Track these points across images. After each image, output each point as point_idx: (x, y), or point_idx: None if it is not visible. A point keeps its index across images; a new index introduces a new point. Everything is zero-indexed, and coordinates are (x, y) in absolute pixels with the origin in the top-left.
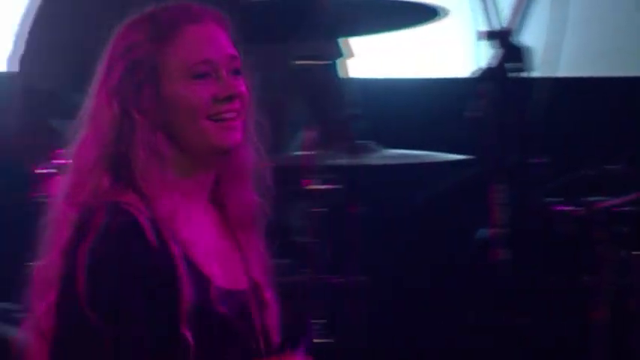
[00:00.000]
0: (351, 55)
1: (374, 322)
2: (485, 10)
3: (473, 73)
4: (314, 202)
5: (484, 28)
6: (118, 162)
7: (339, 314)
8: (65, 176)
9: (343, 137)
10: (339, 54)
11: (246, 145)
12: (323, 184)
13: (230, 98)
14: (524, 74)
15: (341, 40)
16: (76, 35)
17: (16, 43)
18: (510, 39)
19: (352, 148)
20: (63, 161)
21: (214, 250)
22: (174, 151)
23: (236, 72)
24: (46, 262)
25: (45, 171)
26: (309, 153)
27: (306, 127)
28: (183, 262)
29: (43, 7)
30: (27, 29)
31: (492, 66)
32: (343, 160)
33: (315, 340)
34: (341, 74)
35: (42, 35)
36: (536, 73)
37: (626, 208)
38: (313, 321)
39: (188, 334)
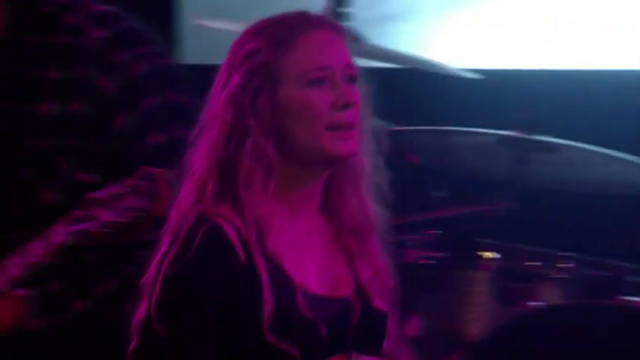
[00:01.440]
0: None
1: None
2: None
3: None
4: None
5: None
6: (224, 170)
7: None
8: (181, 183)
9: None
10: None
11: (361, 154)
12: None
13: (346, 106)
14: None
15: None
16: None
17: None
18: None
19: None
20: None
21: (314, 258)
22: (284, 160)
23: (352, 80)
24: (146, 272)
25: None
26: None
27: None
28: (269, 270)
29: None
30: None
31: None
32: None
33: None
34: None
35: None
36: None
37: None
38: None
39: (272, 340)
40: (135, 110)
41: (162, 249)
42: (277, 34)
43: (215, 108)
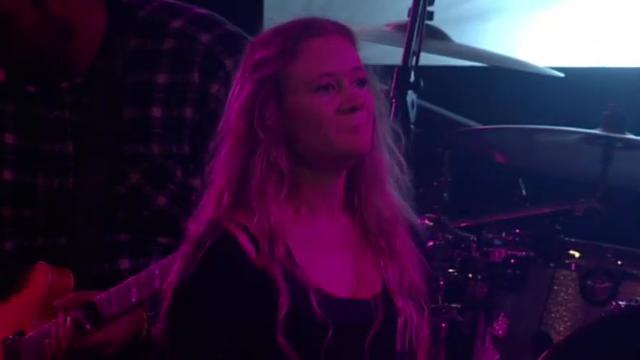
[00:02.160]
0: None
1: None
2: None
3: None
4: None
5: None
6: (239, 180)
7: None
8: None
9: None
10: None
11: (379, 151)
12: None
13: (353, 109)
14: None
15: None
16: None
17: None
18: None
19: None
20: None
21: (336, 259)
22: (298, 166)
23: (361, 82)
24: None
25: None
26: None
27: None
28: (285, 274)
29: None
30: None
31: None
32: None
33: None
34: None
35: None
36: None
37: None
38: None
39: (284, 343)
40: None
41: (177, 259)
42: (282, 43)
43: (230, 118)
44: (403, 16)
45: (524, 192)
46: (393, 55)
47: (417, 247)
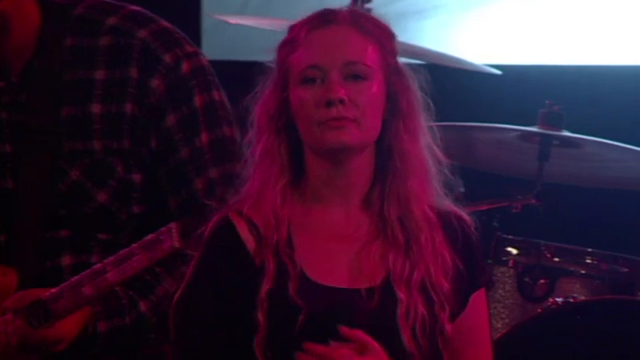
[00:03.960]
0: None
1: None
2: None
3: None
4: None
5: None
6: (250, 170)
7: None
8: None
9: None
10: None
11: (408, 145)
12: None
13: (329, 104)
14: None
15: None
16: None
17: None
18: None
19: None
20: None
21: (341, 249)
22: (301, 156)
23: (355, 77)
24: None
25: None
26: None
27: None
28: (276, 260)
29: None
30: None
31: None
32: None
33: None
34: None
35: None
36: None
37: None
38: None
39: (262, 321)
40: (184, 110)
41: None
42: (291, 33)
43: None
44: None
45: (462, 189)
46: None
47: (452, 244)
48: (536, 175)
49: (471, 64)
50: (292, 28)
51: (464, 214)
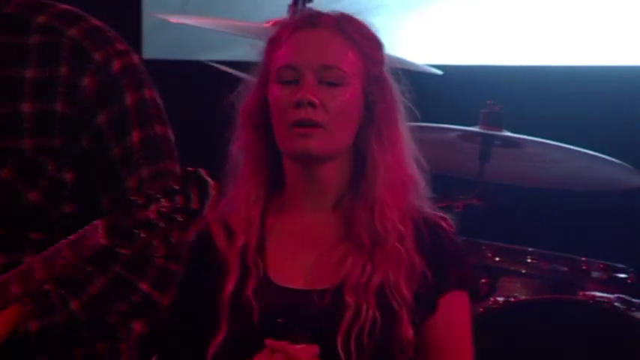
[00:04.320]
0: None
1: None
2: None
3: None
4: None
5: None
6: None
7: None
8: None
9: None
10: None
11: (381, 151)
12: None
13: (299, 105)
14: None
15: None
16: None
17: None
18: None
19: None
20: None
21: (303, 252)
22: (277, 157)
23: (330, 83)
24: None
25: None
26: None
27: None
28: (242, 262)
29: None
30: None
31: None
32: None
33: None
34: None
35: None
36: None
37: None
38: None
39: (222, 320)
40: (115, 108)
41: None
42: (280, 31)
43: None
44: (282, 13)
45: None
46: None
47: (420, 249)
48: (478, 174)
49: (412, 64)
50: (279, 27)
51: (441, 220)
